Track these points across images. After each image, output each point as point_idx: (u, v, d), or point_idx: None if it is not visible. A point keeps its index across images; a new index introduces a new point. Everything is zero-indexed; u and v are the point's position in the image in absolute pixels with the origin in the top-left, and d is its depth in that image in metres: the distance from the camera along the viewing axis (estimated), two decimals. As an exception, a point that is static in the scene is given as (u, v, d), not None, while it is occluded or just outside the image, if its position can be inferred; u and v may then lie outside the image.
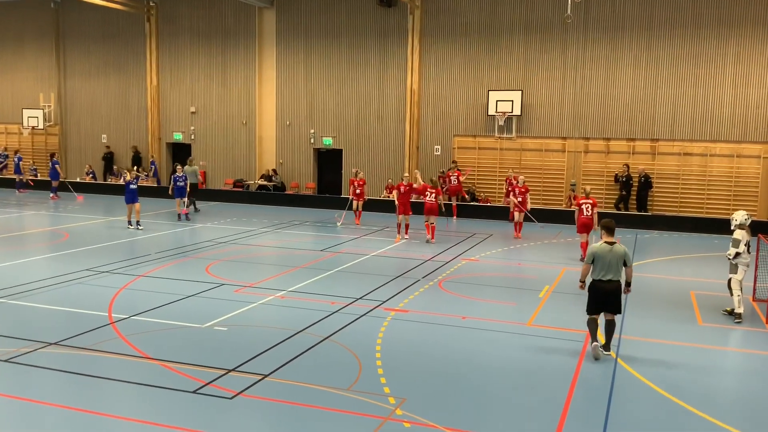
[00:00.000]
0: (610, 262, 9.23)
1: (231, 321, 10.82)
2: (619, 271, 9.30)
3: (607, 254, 9.25)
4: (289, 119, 28.36)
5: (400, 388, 8.17)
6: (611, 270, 9.24)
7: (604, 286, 9.29)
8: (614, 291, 9.30)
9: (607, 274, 9.25)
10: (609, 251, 9.26)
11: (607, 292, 9.28)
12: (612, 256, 9.24)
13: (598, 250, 9.32)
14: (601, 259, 9.28)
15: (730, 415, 7.72)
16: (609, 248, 9.28)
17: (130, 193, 19.68)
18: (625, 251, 9.34)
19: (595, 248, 9.37)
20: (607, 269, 9.24)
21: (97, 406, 7.61)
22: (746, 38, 22.41)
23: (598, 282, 9.34)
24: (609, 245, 9.30)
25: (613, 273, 9.25)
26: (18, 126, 32.68)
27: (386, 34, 26.47)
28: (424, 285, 13.63)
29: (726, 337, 10.95)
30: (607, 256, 9.25)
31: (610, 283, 9.27)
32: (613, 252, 9.27)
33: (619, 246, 9.34)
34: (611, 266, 9.23)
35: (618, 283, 9.32)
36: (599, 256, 9.30)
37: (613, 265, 9.24)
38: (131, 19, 30.10)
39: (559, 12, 23.40)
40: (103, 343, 9.58)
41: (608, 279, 9.24)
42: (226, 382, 8.24)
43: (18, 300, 11.82)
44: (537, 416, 7.58)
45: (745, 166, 22.94)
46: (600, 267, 9.31)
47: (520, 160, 25.25)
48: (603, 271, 9.27)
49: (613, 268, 9.24)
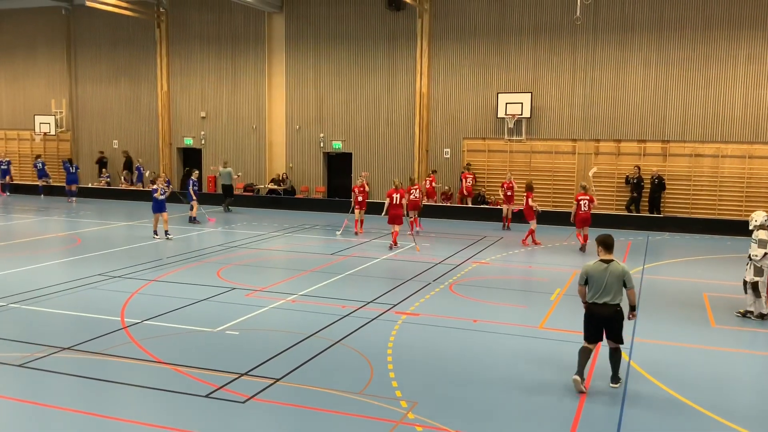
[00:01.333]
0: (606, 283, 8.18)
1: (242, 325, 10.84)
2: (617, 294, 8.23)
3: (601, 274, 8.21)
4: (298, 123, 28.43)
5: (412, 392, 8.16)
6: (607, 292, 8.18)
7: (599, 311, 8.25)
8: (611, 317, 8.22)
9: (602, 296, 8.20)
10: (604, 270, 8.22)
11: (602, 317, 8.25)
12: (608, 276, 8.18)
13: (591, 269, 8.32)
14: (595, 279, 8.25)
15: (745, 418, 7.66)
16: (604, 267, 8.24)
17: (159, 201, 19.10)
18: (624, 270, 8.23)
19: (588, 267, 8.38)
20: (602, 291, 8.20)
21: (110, 410, 7.65)
22: (757, 39, 22.27)
23: (593, 305, 8.31)
24: (605, 263, 8.26)
25: (609, 295, 8.18)
26: (30, 132, 32.93)
27: (395, 38, 26.51)
28: (435, 288, 13.61)
29: (740, 339, 10.87)
30: (602, 275, 8.20)
31: (606, 307, 8.20)
32: (610, 271, 8.20)
33: (617, 264, 8.25)
34: (607, 287, 8.18)
35: (615, 307, 8.22)
36: (592, 275, 8.28)
37: (610, 286, 8.18)
38: (142, 25, 30.29)
39: (568, 14, 23.36)
40: (115, 347, 9.63)
41: (603, 302, 8.20)
42: (238, 386, 8.25)
43: (31, 305, 11.89)
44: (549, 419, 7.55)
45: (758, 166, 22.78)
46: (594, 288, 8.27)
47: (530, 162, 25.20)
48: (597, 293, 8.24)
49: (610, 289, 8.18)
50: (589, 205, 17.52)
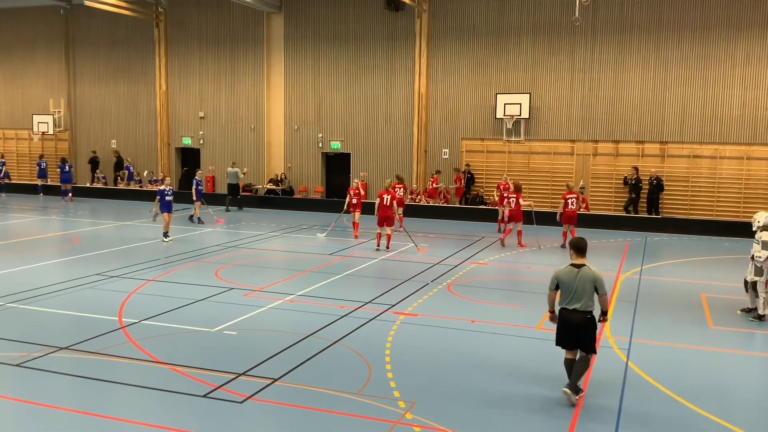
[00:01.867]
0: (577, 288, 7.81)
1: (240, 325, 10.83)
2: (588, 300, 7.84)
3: (572, 278, 7.84)
4: (297, 124, 28.43)
5: (410, 392, 8.16)
6: (577, 298, 7.82)
7: (569, 317, 7.89)
8: (581, 324, 7.84)
9: (572, 302, 7.85)
10: (575, 275, 7.83)
11: (572, 324, 7.88)
12: (578, 281, 7.81)
13: (561, 273, 7.96)
14: (565, 284, 7.90)
15: (742, 419, 7.67)
16: (575, 272, 7.85)
17: (166, 202, 18.74)
18: (595, 276, 7.82)
19: (559, 271, 8.02)
20: (572, 296, 7.84)
21: (108, 410, 7.64)
22: (755, 40, 22.31)
23: (563, 311, 7.95)
24: (575, 268, 7.87)
25: (580, 302, 7.81)
26: (28, 132, 32.90)
27: (394, 38, 26.51)
28: (433, 288, 13.61)
29: (738, 340, 10.88)
30: (573, 280, 7.83)
31: (576, 313, 7.83)
32: (580, 276, 7.82)
33: (588, 269, 7.85)
34: (577, 293, 7.81)
35: (586, 315, 7.84)
36: (562, 280, 7.92)
37: (580, 291, 7.80)
38: (140, 25, 30.26)
39: (567, 14, 23.38)
40: (113, 347, 9.62)
41: (573, 308, 7.84)
42: (236, 386, 8.25)
43: (29, 305, 11.88)
44: (547, 420, 7.55)
45: (755, 168, 22.81)
46: (564, 293, 7.94)
47: (528, 163, 25.21)
48: (567, 299, 7.89)
49: (581, 295, 7.80)
50: (576, 204, 18.41)
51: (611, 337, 10.51)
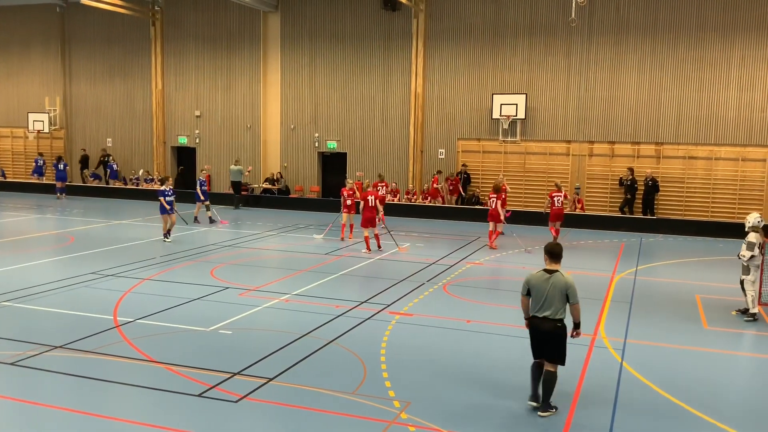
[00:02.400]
0: (547, 296, 7.50)
1: (236, 324, 10.83)
2: (559, 308, 7.51)
3: (543, 285, 7.54)
4: (293, 123, 28.41)
5: (405, 392, 8.16)
6: (548, 305, 7.50)
7: (539, 325, 7.61)
8: (550, 333, 7.53)
9: (542, 309, 7.54)
10: (546, 281, 7.52)
11: (542, 332, 7.60)
12: (550, 288, 7.50)
13: (532, 278, 7.66)
14: (536, 290, 7.60)
15: (736, 419, 7.70)
16: (546, 277, 7.54)
17: (169, 203, 18.30)
18: (567, 283, 7.47)
19: (531, 276, 7.72)
20: (542, 304, 7.54)
21: (102, 409, 7.63)
22: (751, 41, 22.38)
23: (534, 319, 7.66)
24: (547, 273, 7.56)
25: (550, 309, 7.50)
26: (24, 130, 32.80)
27: (390, 38, 26.52)
28: (429, 288, 13.62)
29: (732, 340, 10.91)
30: (543, 287, 7.53)
31: (546, 321, 7.53)
32: (552, 283, 7.49)
33: (561, 276, 7.51)
34: (548, 300, 7.50)
35: (556, 323, 7.50)
36: (533, 285, 7.62)
37: (551, 299, 7.49)
38: (136, 23, 30.19)
39: (563, 15, 23.42)
40: (108, 346, 9.60)
41: (544, 316, 7.54)
42: (231, 385, 8.24)
43: (24, 303, 11.85)
44: (542, 420, 7.56)
45: (750, 169, 22.89)
46: (535, 299, 7.63)
47: (524, 163, 25.25)
48: (537, 306, 7.59)
49: (552, 303, 7.49)
50: (561, 202, 19.34)
51: (606, 338, 10.54)
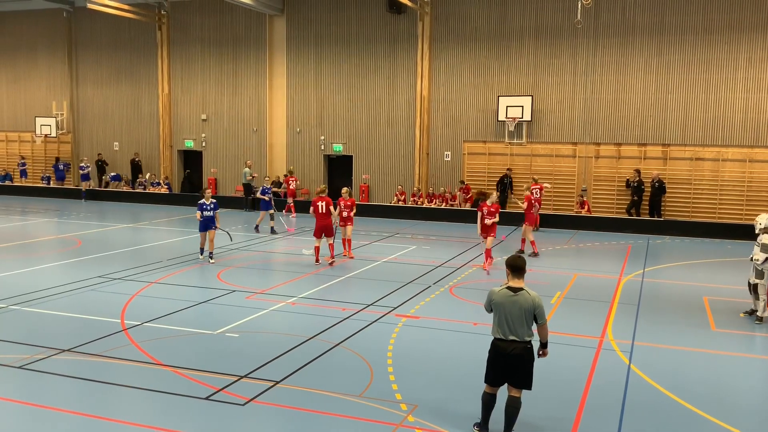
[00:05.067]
0: (512, 316, 6.74)
1: (243, 327, 10.84)
2: (527, 330, 6.77)
3: (508, 304, 6.76)
4: (299, 126, 28.46)
5: (412, 395, 8.16)
6: (515, 328, 6.74)
7: (506, 349, 6.77)
8: (520, 357, 6.77)
9: (508, 332, 6.76)
10: (512, 301, 6.76)
11: (512, 357, 6.77)
12: (515, 308, 6.74)
13: (497, 296, 6.88)
14: (500, 310, 6.80)
15: (745, 422, 7.66)
16: (511, 296, 6.78)
17: (206, 218, 16.12)
18: (535, 303, 6.75)
19: (494, 293, 6.94)
20: (509, 326, 6.76)
21: (110, 412, 7.65)
22: (757, 43, 22.29)
23: (499, 342, 6.83)
24: (512, 292, 6.80)
25: (518, 332, 6.74)
26: (31, 134, 32.96)
27: (396, 41, 26.54)
28: (435, 291, 13.61)
29: (740, 343, 10.86)
30: (508, 307, 6.76)
31: (514, 344, 6.75)
32: (517, 302, 6.74)
33: (527, 294, 6.78)
34: (515, 322, 6.74)
35: (525, 345, 6.77)
36: (497, 304, 6.84)
37: (518, 320, 6.73)
38: (143, 27, 30.32)
39: (569, 17, 23.38)
40: (115, 349, 9.63)
41: (512, 339, 6.76)
42: (238, 388, 8.25)
43: (31, 307, 11.90)
44: (550, 423, 7.54)
45: (758, 170, 22.78)
46: (499, 321, 6.82)
47: (530, 165, 25.20)
48: (503, 328, 6.79)
49: (519, 324, 6.74)
50: (540, 193, 20.87)
51: (614, 340, 10.51)
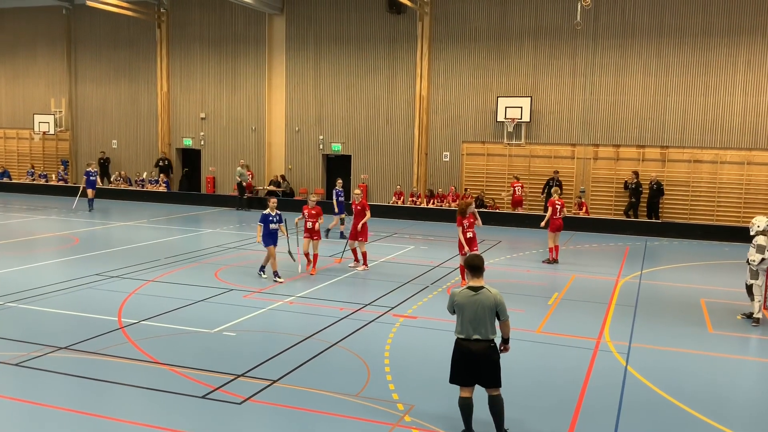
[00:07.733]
0: (476, 316, 6.75)
1: (240, 326, 10.83)
2: (490, 328, 6.80)
3: (470, 304, 6.78)
4: (298, 125, 28.44)
5: (409, 395, 8.15)
6: (478, 326, 6.76)
7: (470, 348, 6.79)
8: (484, 354, 6.79)
9: (473, 331, 6.77)
10: (473, 300, 6.78)
11: (476, 355, 6.79)
12: (478, 307, 6.76)
13: (459, 297, 6.88)
14: (463, 311, 6.82)
15: (741, 424, 7.67)
16: (472, 296, 6.80)
17: (270, 231, 13.99)
18: (497, 300, 6.81)
19: (456, 294, 6.94)
20: (472, 326, 6.77)
21: (106, 410, 7.64)
22: (756, 46, 22.32)
23: (463, 342, 6.84)
24: (473, 291, 6.82)
25: (480, 330, 6.76)
26: (29, 131, 32.93)
27: (395, 41, 26.53)
28: (433, 291, 13.61)
29: (737, 345, 10.87)
30: (470, 306, 6.78)
31: (477, 343, 6.78)
32: (479, 301, 6.77)
33: (489, 293, 6.83)
34: (479, 321, 6.76)
35: (489, 344, 6.80)
36: (460, 305, 6.86)
37: (481, 318, 6.75)
38: (142, 25, 30.29)
39: (568, 19, 23.39)
40: (112, 347, 9.62)
41: (475, 338, 6.78)
42: (235, 387, 8.24)
43: (28, 304, 11.88)
44: (547, 424, 7.54)
45: (756, 173, 22.80)
46: (462, 321, 6.84)
47: (529, 166, 25.21)
48: (466, 327, 6.81)
49: (482, 323, 6.76)
50: (522, 189, 22.88)
51: (611, 342, 10.51)
